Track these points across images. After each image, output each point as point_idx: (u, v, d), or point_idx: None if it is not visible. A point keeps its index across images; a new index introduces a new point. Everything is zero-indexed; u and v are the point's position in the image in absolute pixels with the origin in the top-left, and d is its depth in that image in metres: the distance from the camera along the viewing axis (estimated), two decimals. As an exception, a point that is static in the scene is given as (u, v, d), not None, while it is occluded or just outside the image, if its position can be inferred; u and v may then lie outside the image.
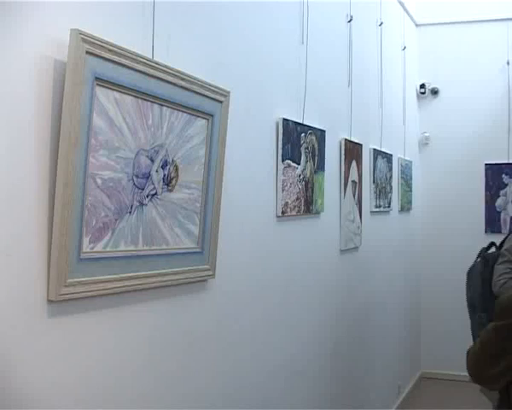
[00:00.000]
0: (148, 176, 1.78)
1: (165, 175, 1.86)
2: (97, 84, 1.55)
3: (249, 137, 2.49)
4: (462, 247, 5.80)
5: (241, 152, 2.39)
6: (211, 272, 2.15)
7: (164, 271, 1.88)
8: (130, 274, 1.73)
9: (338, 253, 3.66)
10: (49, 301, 1.48)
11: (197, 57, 2.09)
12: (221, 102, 2.10)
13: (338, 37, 3.66)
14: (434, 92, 6.00)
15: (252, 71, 2.50)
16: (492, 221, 5.82)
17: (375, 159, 4.36)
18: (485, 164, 5.81)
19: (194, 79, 1.94)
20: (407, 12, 5.52)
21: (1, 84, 1.36)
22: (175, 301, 2.01)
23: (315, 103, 3.17)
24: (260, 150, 2.60)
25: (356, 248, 3.96)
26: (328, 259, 3.49)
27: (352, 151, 3.78)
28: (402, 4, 5.31)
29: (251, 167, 2.50)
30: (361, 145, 3.98)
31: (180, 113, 1.90)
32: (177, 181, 1.92)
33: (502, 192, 5.81)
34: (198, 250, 2.07)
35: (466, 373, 1.93)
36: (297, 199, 2.92)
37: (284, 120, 2.75)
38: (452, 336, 5.77)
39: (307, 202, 3.05)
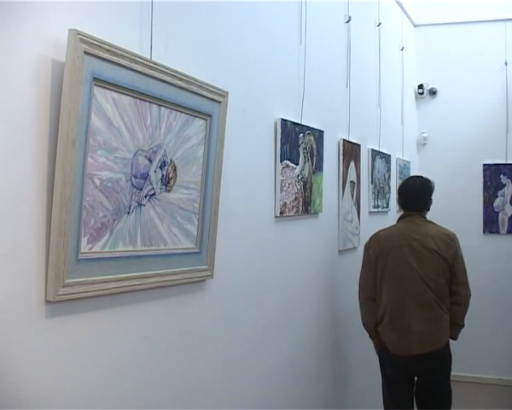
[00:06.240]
0: (146, 176, 1.78)
1: (163, 175, 1.86)
2: (95, 85, 1.55)
3: (247, 138, 2.48)
4: (461, 247, 5.81)
5: (239, 152, 2.39)
6: (209, 273, 2.15)
7: (162, 271, 1.88)
8: (128, 275, 1.73)
9: (336, 253, 3.66)
10: (48, 302, 1.48)
11: (195, 57, 2.09)
12: (219, 102, 2.09)
13: (336, 37, 3.66)
14: (432, 93, 6.01)
15: (250, 71, 2.50)
16: (490, 222, 5.83)
17: (374, 159, 4.36)
18: (484, 164, 5.82)
19: (193, 79, 1.93)
20: (405, 12, 5.53)
21: (-1, 84, 1.36)
22: (173, 302, 2.01)
23: (313, 104, 3.17)
24: (259, 151, 2.59)
25: (354, 248, 3.96)
26: (326, 259, 3.49)
27: (350, 151, 3.78)
28: (400, 5, 5.32)
29: (249, 168, 2.50)
30: (359, 145, 3.99)
31: (178, 113, 1.90)
32: (175, 181, 1.92)
33: (500, 193, 5.82)
34: (196, 251, 2.06)
35: (465, 373, 1.91)
36: (295, 199, 2.92)
37: (282, 120, 2.75)
38: (450, 336, 5.76)
39: (305, 203, 3.05)
